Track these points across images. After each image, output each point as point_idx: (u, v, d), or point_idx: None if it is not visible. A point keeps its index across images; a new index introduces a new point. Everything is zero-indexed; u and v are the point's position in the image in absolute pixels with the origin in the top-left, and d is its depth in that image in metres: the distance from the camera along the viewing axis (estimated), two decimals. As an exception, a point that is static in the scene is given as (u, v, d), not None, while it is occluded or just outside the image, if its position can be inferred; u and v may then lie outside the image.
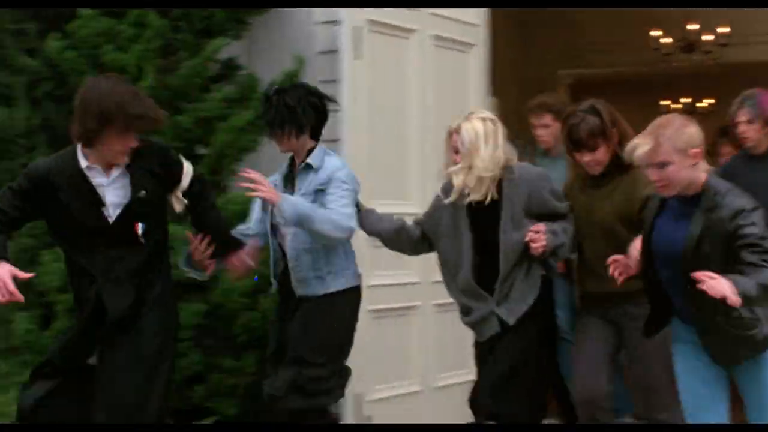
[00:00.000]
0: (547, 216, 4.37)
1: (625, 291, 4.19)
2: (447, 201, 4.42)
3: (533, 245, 4.28)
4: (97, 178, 4.04)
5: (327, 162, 4.51)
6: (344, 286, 4.54)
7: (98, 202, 4.02)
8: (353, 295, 4.60)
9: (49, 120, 5.85)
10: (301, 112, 4.47)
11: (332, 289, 4.51)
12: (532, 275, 4.37)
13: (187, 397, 5.53)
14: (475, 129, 4.33)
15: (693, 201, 3.77)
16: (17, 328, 5.67)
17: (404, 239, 4.68)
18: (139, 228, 4.07)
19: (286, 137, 4.50)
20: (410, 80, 6.07)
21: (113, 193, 4.04)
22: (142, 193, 4.04)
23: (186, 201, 4.25)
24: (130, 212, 4.04)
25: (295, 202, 4.35)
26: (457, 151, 4.37)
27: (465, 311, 4.46)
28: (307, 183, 4.51)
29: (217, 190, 5.58)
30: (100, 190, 4.03)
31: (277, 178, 4.64)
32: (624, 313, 4.37)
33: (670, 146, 3.70)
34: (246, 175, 4.30)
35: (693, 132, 3.76)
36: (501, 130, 4.39)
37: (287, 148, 4.56)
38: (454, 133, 4.39)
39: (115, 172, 4.04)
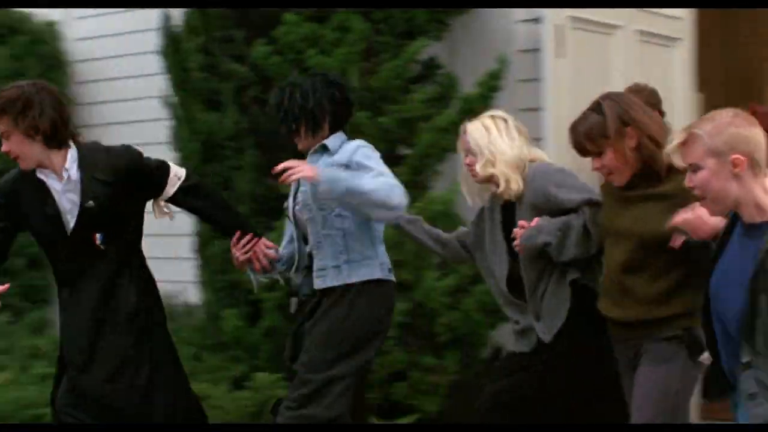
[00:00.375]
0: (559, 212, 3.90)
1: (642, 320, 3.64)
2: (484, 204, 4.13)
3: (514, 243, 3.89)
4: (52, 183, 3.91)
5: (346, 146, 4.01)
6: (362, 278, 3.98)
7: (54, 207, 3.88)
8: (375, 289, 4.00)
9: (256, 123, 6.02)
10: (314, 107, 4.00)
11: (348, 281, 3.97)
12: (563, 283, 3.92)
13: (389, 394, 5.59)
14: (485, 125, 4.03)
15: (757, 232, 2.88)
16: (226, 324, 5.87)
17: (416, 229, 4.28)
18: (98, 238, 3.89)
19: (301, 135, 4.07)
20: (614, 77, 5.94)
21: (67, 199, 3.88)
22: (90, 203, 3.85)
23: (167, 209, 4.09)
24: (82, 222, 3.87)
25: (335, 172, 3.84)
26: (466, 153, 4.07)
27: (514, 321, 4.10)
28: (319, 163, 3.98)
29: (419, 190, 5.63)
30: (55, 195, 3.89)
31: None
32: (644, 352, 3.70)
33: (703, 145, 2.88)
34: (279, 168, 3.84)
35: (742, 134, 2.87)
36: (513, 125, 4.04)
37: (304, 146, 4.09)
38: (463, 134, 4.10)
39: (66, 177, 3.87)
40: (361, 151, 3.98)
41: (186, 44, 6.13)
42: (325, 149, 4.03)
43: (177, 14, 6.30)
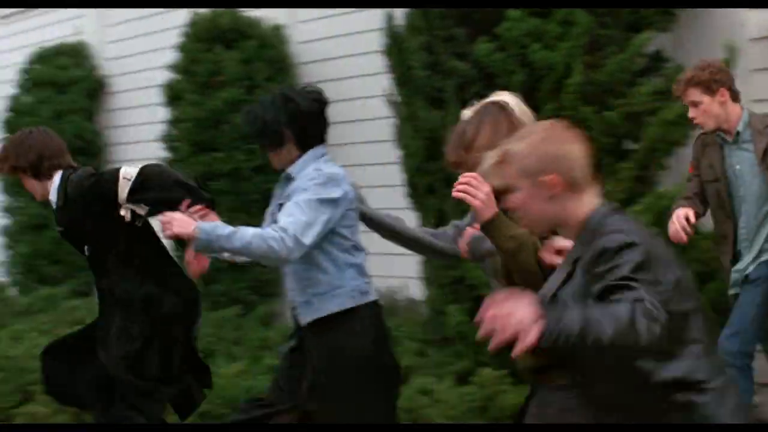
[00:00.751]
0: None
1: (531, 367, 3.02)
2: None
3: (461, 247, 3.43)
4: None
5: (305, 171, 3.83)
6: (336, 309, 3.77)
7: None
8: (352, 317, 3.78)
9: (478, 120, 6.01)
10: (272, 124, 3.84)
11: (320, 314, 3.78)
12: None
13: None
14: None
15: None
16: (450, 319, 5.91)
17: (405, 236, 3.82)
18: (86, 250, 4.43)
19: (268, 152, 3.93)
20: None
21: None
22: (59, 228, 4.47)
23: (134, 208, 4.27)
24: (67, 240, 4.52)
25: (214, 227, 3.68)
26: None
27: None
28: (281, 194, 3.90)
29: (646, 185, 5.51)
30: None
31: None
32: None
33: (517, 166, 2.63)
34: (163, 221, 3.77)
35: (554, 152, 2.60)
36: (514, 114, 3.26)
37: (277, 164, 3.94)
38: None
39: (53, 204, 4.47)
40: (302, 183, 3.77)
41: (408, 43, 6.21)
42: (290, 178, 3.88)
43: (399, 14, 6.39)
